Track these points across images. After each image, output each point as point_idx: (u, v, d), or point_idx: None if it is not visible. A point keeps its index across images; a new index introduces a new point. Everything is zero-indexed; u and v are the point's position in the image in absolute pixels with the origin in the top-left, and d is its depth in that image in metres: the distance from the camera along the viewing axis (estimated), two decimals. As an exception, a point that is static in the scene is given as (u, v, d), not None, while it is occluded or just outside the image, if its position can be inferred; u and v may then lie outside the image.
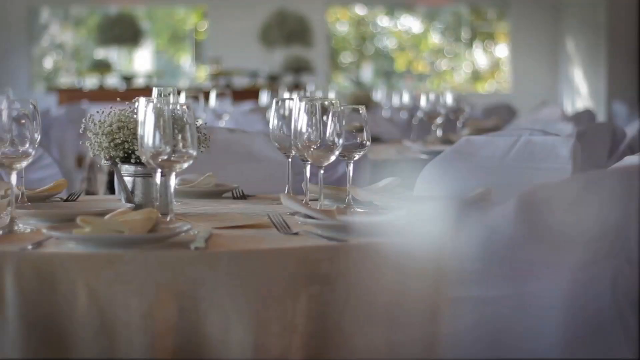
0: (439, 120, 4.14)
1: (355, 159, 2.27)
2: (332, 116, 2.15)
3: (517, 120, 7.72)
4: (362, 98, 6.27)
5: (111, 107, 2.25)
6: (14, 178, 2.01)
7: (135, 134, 2.18)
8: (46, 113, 6.66)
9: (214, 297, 1.74)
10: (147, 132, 1.92)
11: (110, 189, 3.69)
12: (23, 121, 1.99)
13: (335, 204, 2.31)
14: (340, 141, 2.13)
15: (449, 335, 1.85)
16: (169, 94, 2.45)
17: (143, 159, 1.99)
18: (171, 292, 1.73)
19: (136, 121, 2.18)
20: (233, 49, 11.78)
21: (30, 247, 1.77)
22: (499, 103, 8.35)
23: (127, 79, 10.77)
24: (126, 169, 2.23)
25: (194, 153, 1.96)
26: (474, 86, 14.60)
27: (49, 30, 13.21)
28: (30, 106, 2.09)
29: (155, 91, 2.41)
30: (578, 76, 12.17)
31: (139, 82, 11.12)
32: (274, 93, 6.43)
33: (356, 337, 1.83)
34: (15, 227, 1.98)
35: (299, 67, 10.88)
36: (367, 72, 15.42)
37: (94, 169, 4.06)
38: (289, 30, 10.97)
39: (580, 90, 11.95)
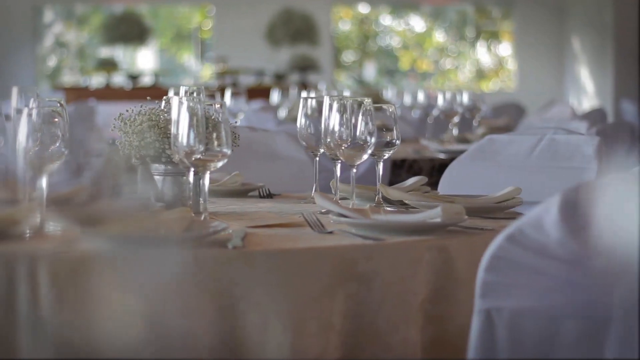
0: (456, 119, 4.14)
1: (384, 157, 2.27)
2: (363, 115, 2.15)
3: (525, 119, 7.71)
4: (372, 97, 6.24)
5: (141, 106, 2.24)
6: (44, 181, 2.00)
7: (165, 132, 2.17)
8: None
9: (252, 297, 1.74)
10: (182, 131, 1.92)
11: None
12: (56, 119, 1.98)
13: (363, 202, 2.30)
14: (373, 140, 2.12)
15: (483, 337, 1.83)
16: (196, 93, 2.44)
17: (176, 158, 1.98)
18: (209, 292, 1.73)
19: (167, 120, 2.18)
20: (239, 47, 11.77)
21: (64, 247, 1.76)
22: (507, 102, 8.35)
23: (134, 77, 10.75)
24: (155, 168, 2.22)
25: (228, 152, 1.95)
26: (478, 85, 14.59)
27: (52, 29, 13.21)
28: (58, 105, 2.08)
29: (182, 90, 2.40)
30: (584, 75, 12.16)
31: (145, 80, 11.11)
32: (285, 92, 6.42)
33: (392, 336, 1.83)
34: (45, 229, 1.97)
35: (305, 66, 10.86)
36: (369, 71, 15.41)
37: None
38: (295, 28, 10.96)
39: (587, 89, 11.94)
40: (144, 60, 13.35)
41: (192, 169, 2.00)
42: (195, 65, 13.78)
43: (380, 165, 2.27)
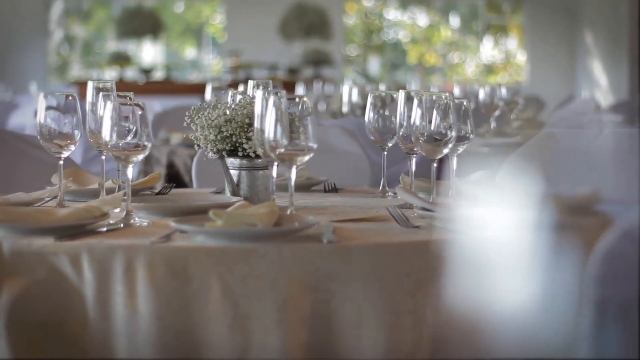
0: (497, 113, 4.14)
1: (458, 152, 2.26)
2: (441, 108, 2.14)
3: (543, 112, 7.71)
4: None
5: (216, 99, 2.24)
6: (129, 172, 2.00)
7: (242, 127, 2.16)
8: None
9: (347, 291, 1.73)
10: (268, 125, 1.91)
11: (168, 182, 3.66)
12: (140, 112, 1.98)
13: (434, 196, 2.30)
14: (453, 133, 2.12)
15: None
16: (262, 87, 2.43)
17: (260, 151, 1.98)
18: (304, 286, 1.72)
19: (244, 114, 2.17)
20: (252, 42, 11.75)
21: (160, 240, 1.76)
22: (527, 95, 8.33)
23: (146, 71, 10.74)
24: (230, 162, 2.21)
25: (314, 146, 1.95)
26: (487, 79, 14.58)
27: (61, 23, 13.18)
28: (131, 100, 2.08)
29: (250, 83, 2.39)
30: (597, 69, 12.15)
31: (158, 75, 11.10)
32: (309, 86, 6.41)
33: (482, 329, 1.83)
34: (132, 221, 1.96)
35: (319, 60, 10.85)
36: (373, 65, 15.40)
37: (150, 163, 4.04)
38: (308, 23, 10.94)
39: (601, 83, 11.93)
40: (148, 54, 13.32)
41: (275, 164, 2.00)
42: (207, 60, 13.76)
43: (455, 160, 2.26)
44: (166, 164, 3.93)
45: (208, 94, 4.28)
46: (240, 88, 4.03)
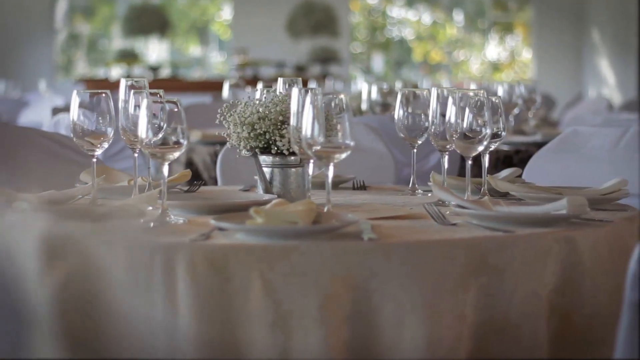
0: (516, 111, 4.13)
1: (490, 149, 2.26)
2: (475, 106, 2.14)
3: (554, 111, 7.70)
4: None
5: (249, 97, 2.23)
6: (166, 169, 1.99)
7: (276, 124, 2.16)
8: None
9: (388, 289, 1.73)
10: (305, 122, 1.91)
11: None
12: (176, 110, 1.98)
13: (461, 194, 2.29)
14: (488, 131, 2.12)
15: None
16: (289, 83, 2.43)
17: (296, 149, 1.97)
18: (345, 284, 1.72)
19: (277, 112, 2.17)
20: (258, 39, 11.74)
21: (200, 238, 1.75)
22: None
23: (154, 69, 10.73)
24: (263, 160, 2.21)
25: (351, 143, 1.94)
26: (492, 76, 14.58)
27: (67, 21, 13.17)
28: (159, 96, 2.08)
29: (280, 81, 2.39)
30: (605, 66, 12.13)
31: (165, 72, 11.09)
32: (320, 83, 6.41)
33: (522, 328, 1.83)
34: (167, 219, 1.96)
35: (326, 58, 10.85)
36: (377, 63, 15.39)
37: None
38: (315, 20, 10.93)
39: (608, 81, 11.91)
40: (153, 52, 13.31)
41: (312, 161, 2.00)
42: (213, 57, 13.76)
43: (486, 158, 2.26)
44: (185, 162, 3.93)
45: (225, 91, 4.27)
46: (260, 85, 4.02)
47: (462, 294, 1.77)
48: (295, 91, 1.97)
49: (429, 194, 2.38)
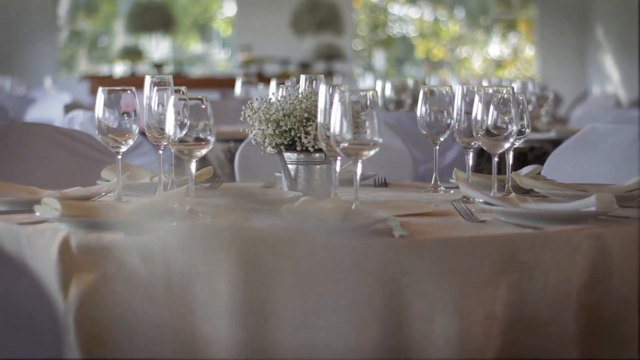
0: (530, 108, 4.13)
1: (515, 145, 2.26)
2: (501, 103, 2.13)
3: (560, 108, 7.69)
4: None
5: (273, 94, 2.23)
6: (193, 166, 1.99)
7: (301, 121, 2.16)
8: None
9: (419, 285, 1.73)
10: (333, 119, 1.90)
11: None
12: (204, 106, 1.97)
13: (486, 191, 2.29)
14: (514, 127, 2.11)
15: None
16: (309, 81, 2.42)
17: (323, 146, 1.97)
18: (377, 280, 1.72)
19: (302, 109, 2.16)
20: (262, 36, 11.74)
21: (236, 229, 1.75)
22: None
23: (158, 66, 10.73)
24: (288, 157, 2.21)
25: (380, 140, 1.94)
26: (495, 73, 14.58)
27: (70, 18, 13.17)
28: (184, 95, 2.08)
29: (303, 77, 2.38)
30: (608, 63, 12.13)
31: (168, 69, 11.08)
32: (328, 80, 6.40)
33: (551, 325, 1.82)
34: (196, 214, 1.96)
35: (331, 55, 10.85)
36: (379, 60, 15.40)
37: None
38: (320, 17, 10.93)
39: (612, 78, 11.91)
40: (156, 49, 13.30)
41: (339, 159, 2.00)
42: (215, 54, 13.76)
43: (511, 154, 2.26)
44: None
45: (238, 88, 4.27)
46: (273, 83, 4.02)
47: (493, 290, 1.76)
48: (323, 88, 1.96)
49: (451, 191, 2.38)
